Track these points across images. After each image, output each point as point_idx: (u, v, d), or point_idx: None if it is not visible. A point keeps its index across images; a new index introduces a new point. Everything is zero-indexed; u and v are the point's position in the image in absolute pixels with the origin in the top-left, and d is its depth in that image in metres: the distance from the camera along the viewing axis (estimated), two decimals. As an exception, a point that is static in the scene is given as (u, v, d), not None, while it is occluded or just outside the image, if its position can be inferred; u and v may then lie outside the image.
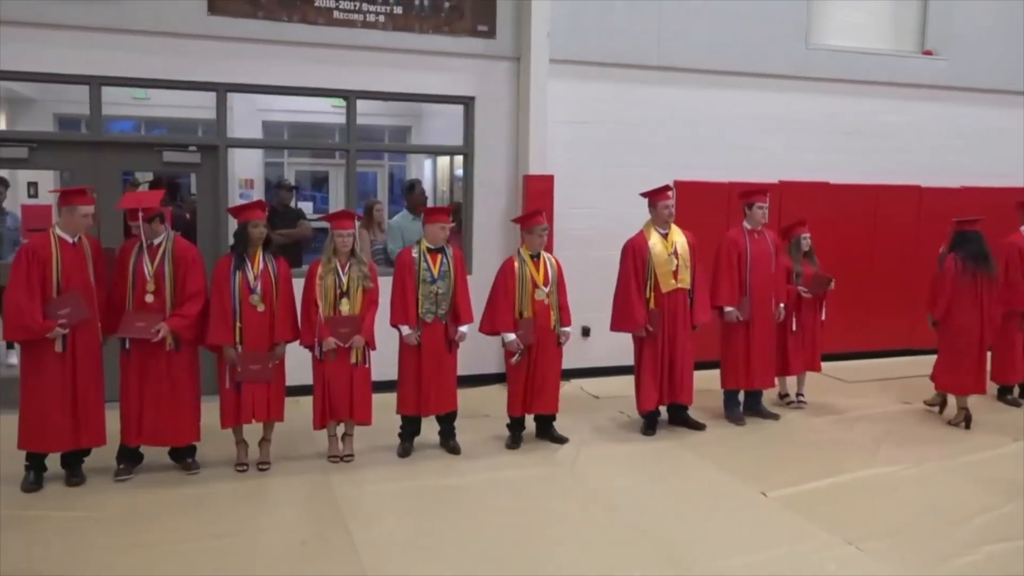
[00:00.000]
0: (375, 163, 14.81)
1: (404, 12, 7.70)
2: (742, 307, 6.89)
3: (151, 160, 7.42)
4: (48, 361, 5.20)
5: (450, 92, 8.05)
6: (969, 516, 5.14)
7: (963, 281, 6.90)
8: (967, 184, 9.36)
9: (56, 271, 5.18)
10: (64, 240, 5.25)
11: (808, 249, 7.40)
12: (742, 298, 6.90)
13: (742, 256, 6.92)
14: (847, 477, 5.81)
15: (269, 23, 7.31)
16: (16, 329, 5.14)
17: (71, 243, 5.28)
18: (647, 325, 6.49)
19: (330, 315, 5.79)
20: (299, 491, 5.48)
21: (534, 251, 6.32)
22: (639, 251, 6.54)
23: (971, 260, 6.90)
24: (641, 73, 8.49)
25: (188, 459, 5.73)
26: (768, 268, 6.99)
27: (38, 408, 5.21)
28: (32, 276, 5.12)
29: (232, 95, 7.59)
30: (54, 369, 5.21)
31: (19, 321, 5.10)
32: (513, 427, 6.42)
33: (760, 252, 6.97)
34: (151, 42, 7.01)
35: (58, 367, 5.21)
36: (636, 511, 5.19)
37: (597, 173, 8.34)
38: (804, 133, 9.16)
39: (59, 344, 5.19)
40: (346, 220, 5.91)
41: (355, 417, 5.91)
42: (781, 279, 7.14)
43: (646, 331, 6.50)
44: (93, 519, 4.91)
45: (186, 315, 5.48)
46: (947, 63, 9.65)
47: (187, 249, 5.63)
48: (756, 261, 6.93)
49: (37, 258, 5.15)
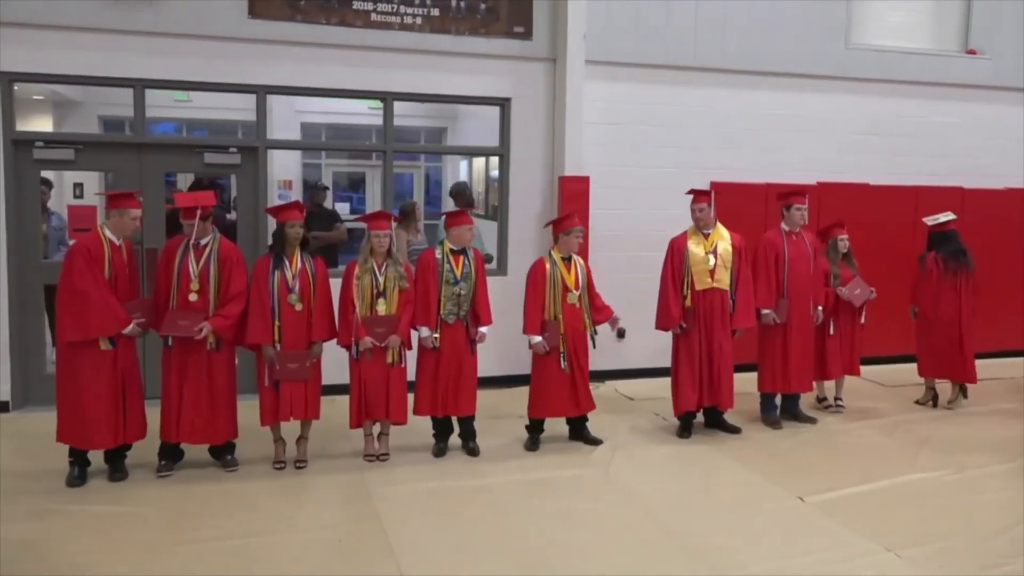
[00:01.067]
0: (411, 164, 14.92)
1: (441, 14, 7.75)
2: (779, 309, 6.84)
3: (193, 161, 7.55)
4: (94, 360, 5.30)
5: (486, 93, 8.08)
6: (1010, 525, 5.04)
7: (945, 277, 7.39)
8: (1011, 186, 9.18)
9: (108, 270, 5.30)
10: (112, 241, 5.37)
11: (846, 251, 7.32)
12: (779, 300, 6.85)
13: (779, 258, 6.87)
14: (886, 483, 5.73)
15: (308, 26, 7.40)
16: (107, 323, 5.24)
17: (117, 244, 5.40)
18: (681, 322, 6.47)
19: (367, 315, 5.85)
20: (335, 490, 5.54)
21: (566, 254, 6.32)
22: (678, 249, 6.57)
23: (951, 257, 7.39)
24: (677, 74, 8.45)
25: (227, 456, 5.82)
26: (807, 270, 6.93)
27: (82, 405, 5.30)
28: (99, 273, 5.24)
29: (271, 97, 7.69)
30: (101, 367, 5.31)
31: (110, 315, 5.23)
32: (533, 429, 6.43)
33: (798, 254, 6.91)
34: (192, 45, 7.13)
35: (105, 365, 5.32)
36: (671, 514, 5.17)
37: (632, 174, 8.33)
38: (843, 134, 9.05)
39: (106, 343, 5.29)
40: (382, 221, 5.96)
41: (391, 417, 5.96)
42: (819, 281, 7.06)
43: (680, 328, 6.49)
44: (136, 514, 5.01)
45: (228, 315, 5.57)
46: (991, 62, 9.47)
47: (231, 250, 5.73)
48: (794, 263, 6.87)
49: (93, 257, 5.27)
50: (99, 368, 5.30)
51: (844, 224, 7.36)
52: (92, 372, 5.29)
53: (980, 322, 7.73)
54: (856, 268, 7.32)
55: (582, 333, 6.30)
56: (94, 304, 5.19)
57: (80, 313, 5.19)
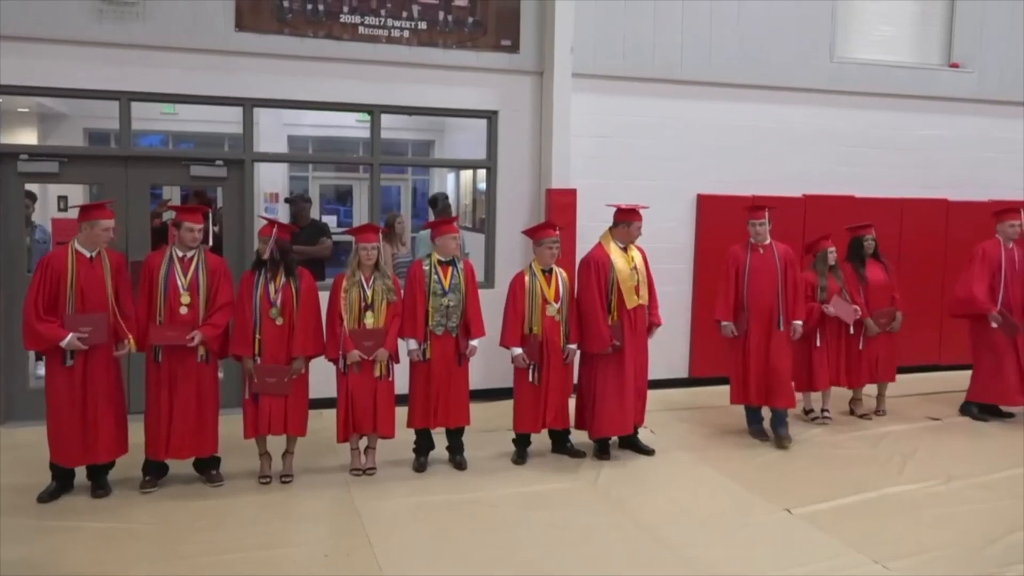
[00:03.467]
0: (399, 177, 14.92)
1: (428, 27, 7.76)
2: (738, 323, 6.77)
3: (179, 174, 7.52)
4: (57, 375, 5.27)
5: (474, 106, 8.09)
6: (999, 535, 5.05)
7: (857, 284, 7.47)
8: (995, 197, 9.24)
9: (71, 285, 5.23)
10: (81, 254, 5.30)
11: (834, 263, 7.33)
12: (739, 313, 6.79)
13: (740, 271, 6.79)
14: (873, 494, 5.74)
15: (295, 39, 7.39)
16: (26, 336, 5.23)
17: (88, 257, 5.32)
18: (614, 341, 6.27)
19: (354, 328, 5.82)
20: (322, 504, 5.50)
21: (546, 266, 6.29)
22: (602, 265, 6.32)
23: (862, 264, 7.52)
24: (664, 87, 8.48)
25: (212, 471, 5.77)
26: (771, 284, 6.74)
27: (50, 420, 5.32)
28: (44, 285, 5.19)
29: (258, 109, 7.67)
30: (64, 383, 5.26)
31: (27, 327, 5.19)
32: (519, 442, 6.40)
33: (761, 267, 6.76)
34: (179, 58, 7.11)
35: (67, 382, 5.26)
36: (664, 527, 5.16)
37: (621, 187, 8.32)
38: (829, 146, 9.10)
39: (67, 358, 5.23)
40: (370, 233, 5.95)
41: (378, 430, 5.93)
42: (799, 296, 6.89)
43: (613, 347, 6.27)
44: (124, 530, 4.95)
45: (217, 324, 5.55)
46: (974, 76, 9.56)
47: (219, 262, 5.72)
48: (755, 276, 6.75)
49: (52, 269, 5.22)
50: (61, 384, 5.26)
51: (831, 236, 7.39)
52: (55, 387, 5.27)
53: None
54: (843, 281, 7.33)
55: (559, 347, 6.27)
56: (26, 319, 5.18)
57: (24, 326, 5.23)
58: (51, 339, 5.17)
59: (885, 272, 7.55)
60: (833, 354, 7.36)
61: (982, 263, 7.49)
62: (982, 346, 7.57)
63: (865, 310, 7.34)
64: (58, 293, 5.22)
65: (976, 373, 7.69)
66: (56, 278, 5.22)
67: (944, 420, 7.62)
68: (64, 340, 5.16)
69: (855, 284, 7.42)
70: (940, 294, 9.23)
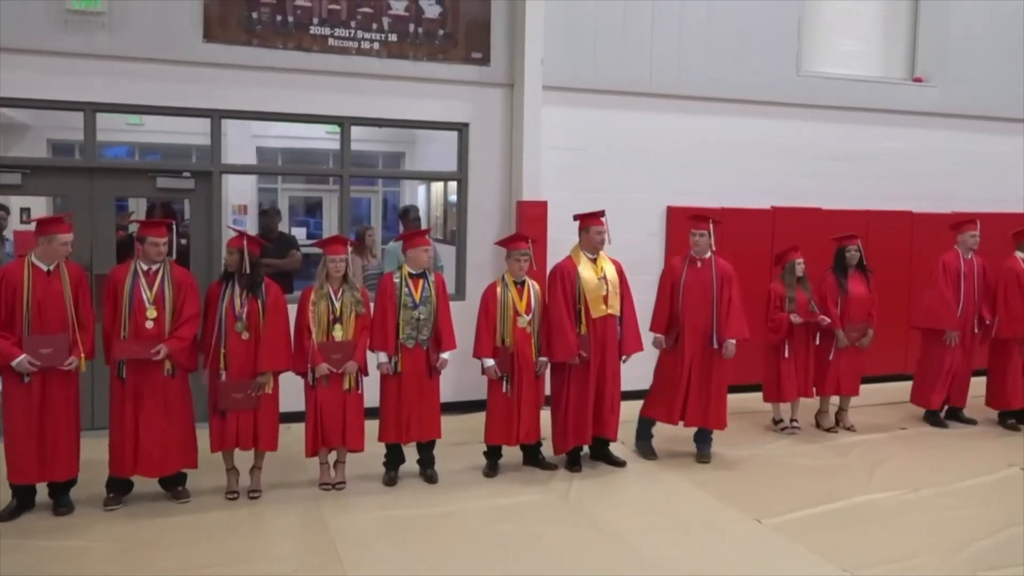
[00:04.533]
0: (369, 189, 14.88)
1: (399, 40, 7.75)
2: (668, 336, 6.64)
3: (145, 186, 7.42)
4: (16, 392, 5.16)
5: (444, 118, 8.09)
6: (967, 543, 5.11)
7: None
8: (958, 210, 9.40)
9: (26, 300, 5.12)
10: (38, 268, 5.19)
11: (802, 275, 7.34)
12: (673, 327, 6.64)
13: (676, 284, 6.67)
14: (842, 504, 5.78)
15: (264, 50, 7.35)
16: None
17: (45, 271, 5.21)
18: (580, 351, 6.24)
19: (323, 341, 5.77)
20: (291, 520, 5.42)
21: (517, 277, 6.29)
22: (568, 275, 6.31)
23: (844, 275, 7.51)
24: (635, 100, 8.53)
25: (178, 487, 5.66)
26: (705, 300, 6.58)
27: (10, 438, 5.20)
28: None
29: (226, 121, 7.60)
30: (21, 400, 5.16)
31: None
32: (490, 455, 6.37)
33: (696, 282, 6.61)
34: (146, 68, 7.03)
35: (24, 398, 5.15)
36: (633, 538, 5.15)
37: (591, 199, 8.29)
38: (797, 159, 9.20)
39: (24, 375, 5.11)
40: (339, 246, 5.90)
41: (347, 444, 5.87)
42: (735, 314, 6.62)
43: (579, 357, 6.24)
44: (86, 549, 4.85)
45: (183, 337, 5.46)
46: (937, 90, 9.73)
47: (184, 274, 5.64)
48: (689, 290, 6.61)
49: (7, 283, 5.12)
50: (19, 400, 5.15)
51: (799, 248, 7.42)
52: (12, 404, 5.17)
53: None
54: (811, 292, 7.39)
55: (531, 359, 6.26)
56: None
57: None
58: (4, 356, 5.07)
59: (866, 286, 7.55)
60: (802, 365, 7.40)
61: (944, 277, 7.59)
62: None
63: (838, 321, 7.39)
64: (14, 307, 5.12)
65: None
66: (11, 292, 5.12)
67: (911, 429, 7.70)
68: (15, 360, 5.06)
69: (834, 295, 7.44)
70: (906, 304, 9.34)
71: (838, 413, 7.68)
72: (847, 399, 7.69)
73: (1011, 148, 10.06)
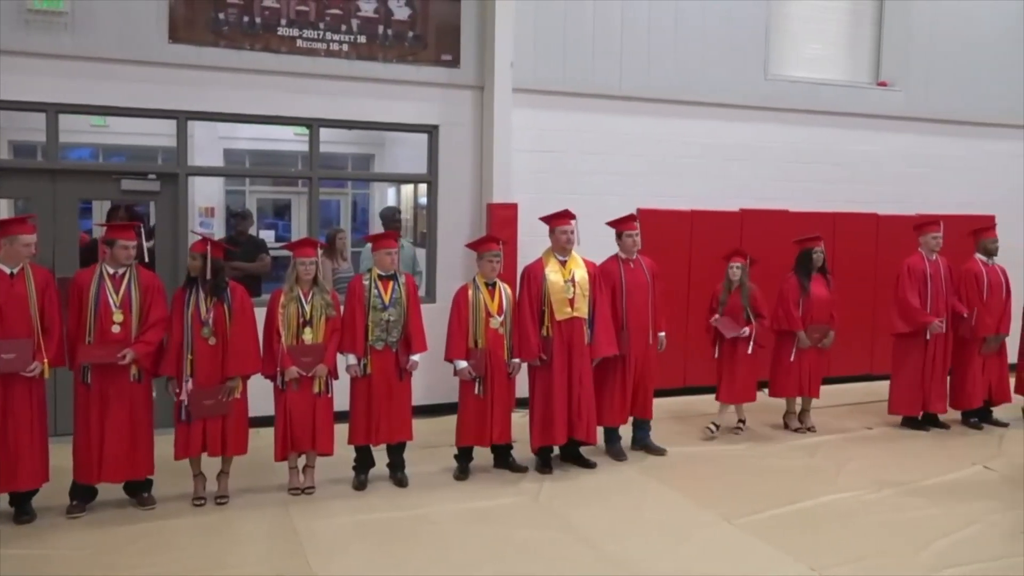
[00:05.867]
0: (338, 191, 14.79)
1: (368, 41, 7.71)
2: (620, 340, 6.61)
3: (109, 188, 7.31)
4: None
5: (414, 120, 8.06)
6: (929, 541, 5.18)
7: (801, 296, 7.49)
8: (922, 212, 9.54)
9: None
10: (1, 271, 5.10)
11: (737, 280, 7.24)
12: (619, 331, 6.63)
13: (617, 288, 6.68)
14: (810, 503, 5.83)
15: (231, 51, 7.28)
16: None
17: (8, 274, 5.12)
18: (541, 354, 6.29)
19: (292, 344, 5.72)
20: (259, 525, 5.37)
21: (488, 279, 6.29)
22: (535, 277, 6.35)
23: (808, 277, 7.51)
24: (605, 103, 8.57)
25: (144, 494, 5.58)
26: (644, 299, 6.73)
27: None
28: None
29: (193, 122, 7.52)
30: None
31: None
32: (461, 457, 6.36)
33: (635, 282, 6.73)
34: (111, 69, 6.94)
35: None
36: (603, 540, 5.16)
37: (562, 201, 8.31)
38: (765, 162, 9.30)
39: None
40: (308, 248, 5.87)
41: (317, 448, 5.83)
42: (663, 308, 6.89)
43: (540, 360, 6.30)
44: (50, 557, 4.76)
45: (150, 342, 5.39)
46: (902, 94, 9.88)
47: (151, 277, 5.56)
48: (631, 292, 6.69)
49: None
50: None
51: (744, 253, 7.32)
52: None
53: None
54: (747, 298, 7.22)
55: (503, 361, 6.26)
56: None
57: None
58: None
59: (827, 288, 7.59)
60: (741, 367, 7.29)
61: (910, 280, 7.66)
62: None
63: (799, 323, 7.44)
64: None
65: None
66: None
67: (876, 430, 7.80)
68: None
69: (796, 296, 7.48)
70: (871, 306, 9.49)
71: (800, 414, 7.75)
72: (808, 401, 7.73)
73: (974, 151, 10.24)
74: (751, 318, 7.21)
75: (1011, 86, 10.30)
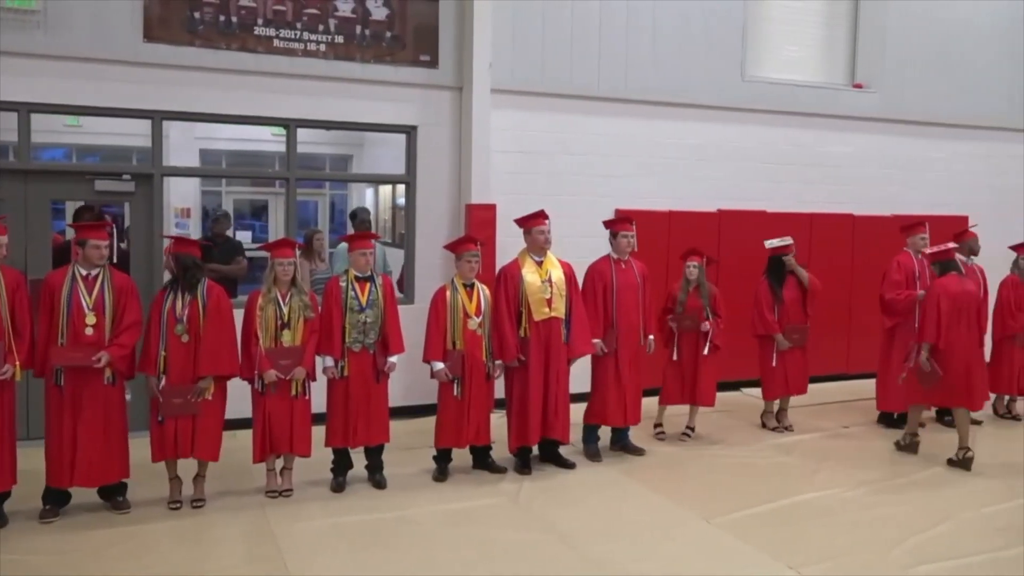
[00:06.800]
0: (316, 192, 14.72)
1: (345, 41, 7.68)
2: (608, 339, 6.64)
3: (82, 189, 7.23)
4: None
5: (392, 121, 8.03)
6: (903, 538, 5.24)
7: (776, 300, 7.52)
8: (897, 212, 9.65)
9: None
10: None
11: (694, 279, 7.23)
12: (608, 330, 6.66)
13: (607, 287, 6.71)
14: (787, 502, 5.88)
15: (207, 51, 7.22)
16: None
17: None
18: (519, 355, 6.29)
19: (271, 347, 5.68)
20: (237, 528, 5.32)
21: (467, 280, 6.28)
22: (511, 278, 6.35)
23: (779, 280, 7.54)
24: (583, 104, 8.59)
25: (118, 497, 5.52)
26: (635, 299, 6.76)
27: None
28: None
29: (168, 123, 7.45)
30: None
31: None
32: (440, 459, 6.34)
33: (626, 283, 6.75)
34: (84, 68, 6.85)
35: None
36: (582, 540, 5.17)
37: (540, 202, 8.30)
38: (742, 162, 9.35)
39: None
40: (286, 249, 5.83)
41: (295, 450, 5.79)
42: (652, 311, 6.96)
43: (518, 361, 6.30)
44: (23, 563, 4.69)
45: (124, 345, 5.33)
46: (877, 96, 9.98)
47: (124, 279, 5.50)
48: (622, 292, 6.70)
49: None
50: None
51: (700, 252, 7.33)
52: None
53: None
54: (707, 297, 7.22)
55: (481, 362, 6.25)
56: None
57: None
58: None
59: (801, 290, 7.61)
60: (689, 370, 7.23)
61: (898, 271, 7.64)
62: None
63: (776, 326, 7.45)
64: None
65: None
66: None
67: (852, 428, 7.87)
68: None
69: (770, 301, 7.51)
70: (848, 305, 9.57)
71: (778, 413, 7.80)
72: (786, 399, 7.77)
73: (946, 152, 10.37)
74: (710, 317, 7.19)
75: (983, 88, 10.43)
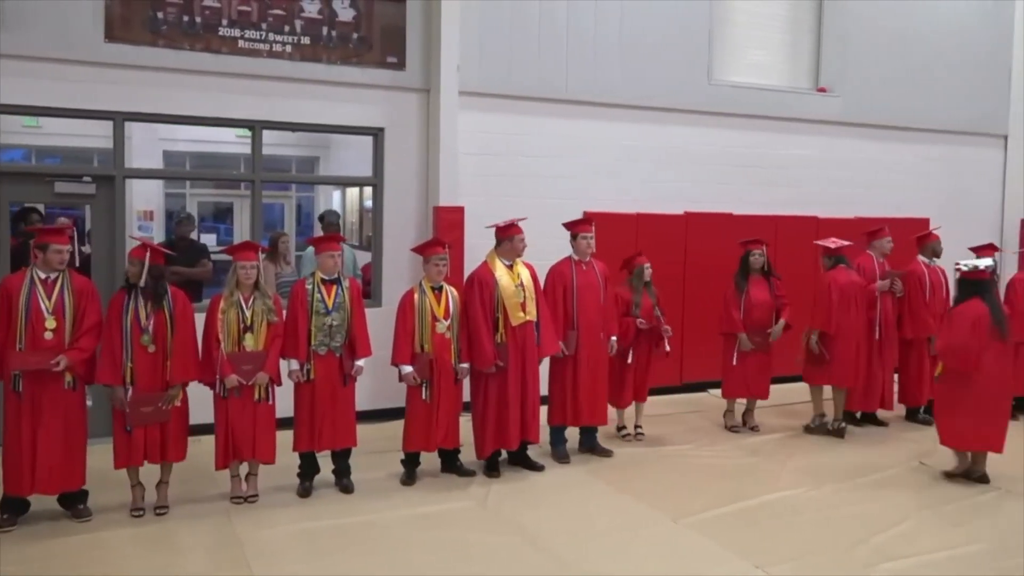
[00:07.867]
0: (282, 194, 14.59)
1: (312, 43, 7.62)
2: (568, 341, 6.66)
3: (42, 191, 7.10)
4: None
5: (359, 123, 7.98)
6: (867, 536, 5.30)
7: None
8: (860, 214, 9.78)
9: None
10: None
11: (648, 280, 7.27)
12: (569, 332, 6.67)
13: (568, 288, 6.73)
14: (753, 501, 5.92)
15: (170, 51, 7.12)
16: None
17: None
18: (497, 360, 6.27)
19: (233, 351, 5.61)
20: (201, 535, 5.25)
21: (435, 283, 6.26)
22: (485, 283, 6.33)
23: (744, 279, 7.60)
24: (551, 106, 8.60)
25: (79, 505, 5.41)
26: (596, 300, 6.78)
27: None
28: None
29: (131, 124, 7.34)
30: None
31: None
32: (408, 463, 6.30)
33: (586, 284, 6.76)
34: (44, 68, 6.74)
35: None
36: (552, 542, 5.17)
37: (508, 204, 8.32)
38: (708, 165, 9.42)
39: None
40: (249, 252, 5.76)
41: (258, 456, 5.72)
42: (612, 312, 6.96)
43: (496, 367, 6.27)
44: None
45: (84, 348, 5.25)
46: (840, 100, 10.11)
47: (84, 282, 5.41)
48: (583, 293, 6.72)
49: None
50: None
51: (644, 252, 7.38)
52: None
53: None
54: (656, 297, 7.30)
55: (450, 365, 6.23)
56: None
57: None
58: None
59: (769, 292, 7.66)
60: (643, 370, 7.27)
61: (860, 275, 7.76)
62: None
63: (740, 325, 7.53)
64: None
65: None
66: None
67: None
68: None
69: (735, 299, 7.56)
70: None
71: (744, 413, 7.86)
72: (753, 400, 7.84)
73: (908, 156, 10.53)
74: (660, 316, 7.23)
75: (943, 93, 10.61)
